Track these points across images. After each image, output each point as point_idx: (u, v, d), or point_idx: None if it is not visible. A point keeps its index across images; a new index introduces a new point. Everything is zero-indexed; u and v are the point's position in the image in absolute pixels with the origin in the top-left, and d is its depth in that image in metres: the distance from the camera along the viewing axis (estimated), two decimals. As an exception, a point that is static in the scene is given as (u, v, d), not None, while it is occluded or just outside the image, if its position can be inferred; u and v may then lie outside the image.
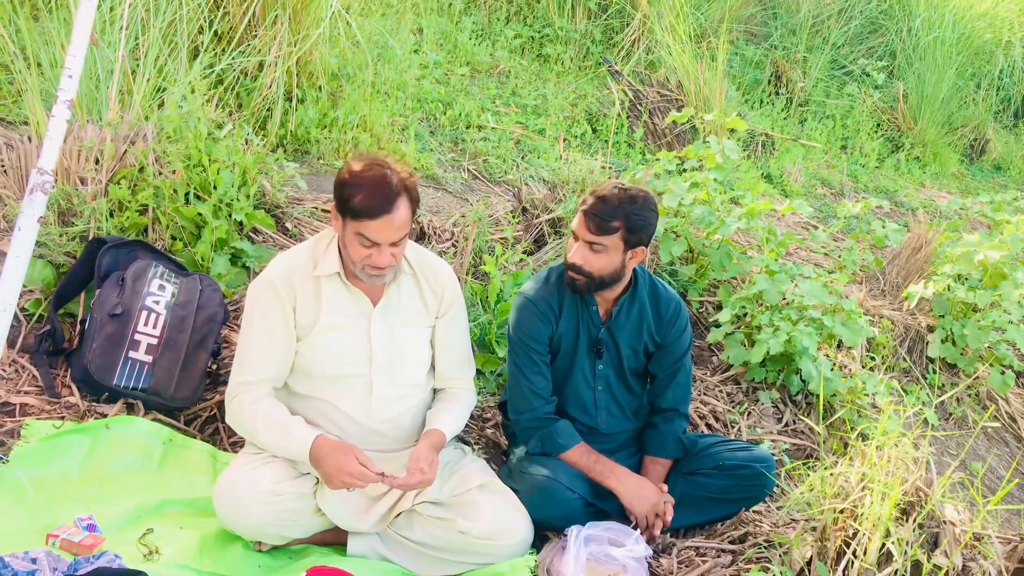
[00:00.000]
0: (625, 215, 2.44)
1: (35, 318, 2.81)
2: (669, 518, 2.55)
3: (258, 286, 2.36)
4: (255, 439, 2.33)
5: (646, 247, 2.54)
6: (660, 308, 2.66)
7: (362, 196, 2.18)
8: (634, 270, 2.61)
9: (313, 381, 2.40)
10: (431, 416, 2.48)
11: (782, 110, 6.90)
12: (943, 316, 4.04)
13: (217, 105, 3.75)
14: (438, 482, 2.42)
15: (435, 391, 2.59)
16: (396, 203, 2.20)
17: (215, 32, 3.99)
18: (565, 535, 2.41)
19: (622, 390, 2.72)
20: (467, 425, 3.01)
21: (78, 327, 2.80)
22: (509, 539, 2.35)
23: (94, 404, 2.63)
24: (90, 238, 2.93)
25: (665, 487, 2.63)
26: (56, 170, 2.87)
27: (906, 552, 2.09)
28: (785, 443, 3.24)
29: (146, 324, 2.69)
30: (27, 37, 3.27)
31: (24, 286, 2.83)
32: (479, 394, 3.16)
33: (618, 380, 2.71)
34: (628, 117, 5.76)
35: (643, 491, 2.56)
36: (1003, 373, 3.83)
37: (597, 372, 2.67)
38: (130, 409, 2.64)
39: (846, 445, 3.14)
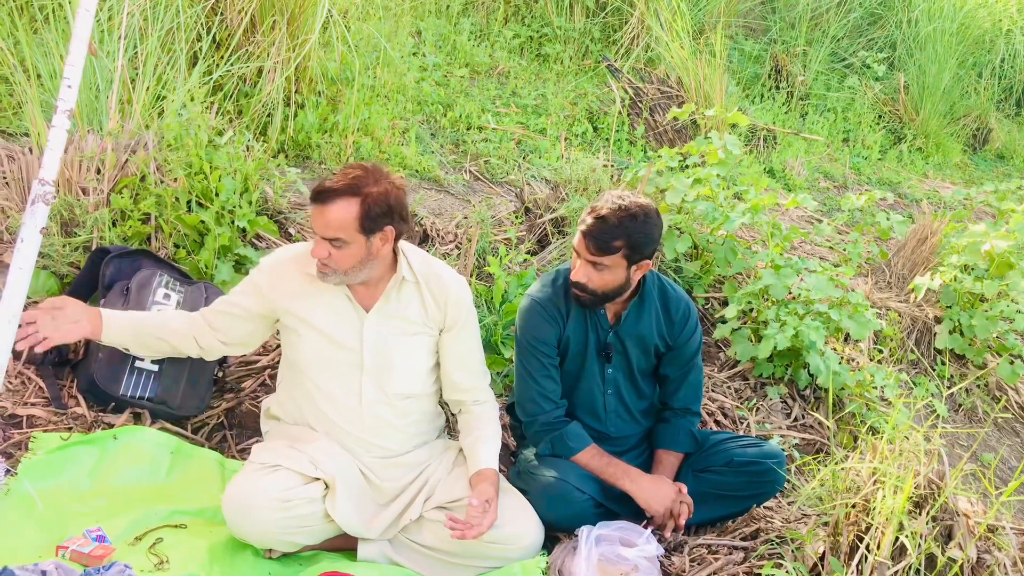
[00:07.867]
0: (626, 234, 2.38)
1: (40, 330, 2.80)
2: (683, 521, 2.53)
3: (257, 265, 2.47)
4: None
5: (650, 259, 2.50)
6: (670, 309, 2.64)
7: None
8: (643, 272, 2.58)
9: (307, 385, 2.40)
10: (470, 455, 2.44)
11: (783, 104, 6.88)
12: (950, 307, 4.02)
13: (217, 112, 3.74)
14: (447, 485, 2.42)
15: (448, 403, 2.58)
16: (333, 198, 2.22)
17: (213, 39, 3.98)
18: (576, 536, 2.40)
19: (631, 393, 2.70)
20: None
21: (83, 338, 2.78)
22: (520, 541, 2.34)
23: (101, 414, 2.62)
24: (93, 248, 2.92)
25: (684, 487, 2.59)
26: (58, 181, 2.87)
27: (920, 545, 2.08)
28: (795, 438, 3.22)
29: (151, 333, 2.68)
30: (26, 49, 3.27)
31: (28, 297, 2.82)
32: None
33: (628, 383, 2.69)
34: (629, 115, 5.75)
35: (659, 490, 2.54)
36: (1012, 363, 3.81)
37: (607, 376, 2.65)
38: (137, 419, 2.63)
39: (856, 439, 3.12)
